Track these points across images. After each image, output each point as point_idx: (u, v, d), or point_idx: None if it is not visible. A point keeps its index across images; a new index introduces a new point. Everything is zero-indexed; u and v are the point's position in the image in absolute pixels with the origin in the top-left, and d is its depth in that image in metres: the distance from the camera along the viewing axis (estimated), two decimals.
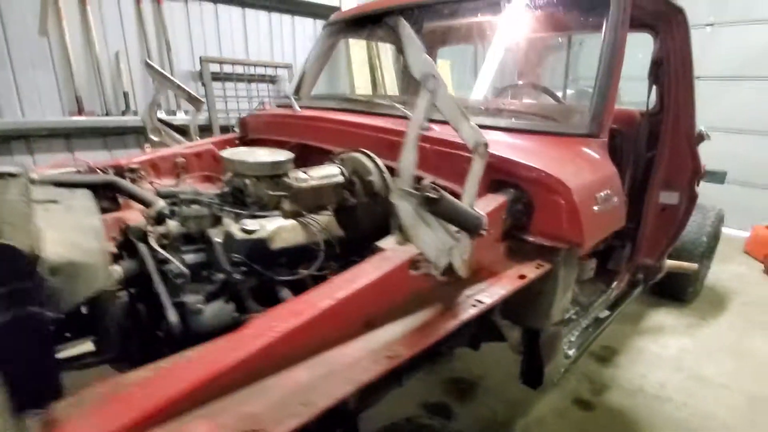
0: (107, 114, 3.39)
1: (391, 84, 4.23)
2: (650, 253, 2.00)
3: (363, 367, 0.64)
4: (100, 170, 1.44)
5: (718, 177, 2.50)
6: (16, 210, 0.74)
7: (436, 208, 0.75)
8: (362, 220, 1.17)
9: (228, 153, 1.38)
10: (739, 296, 3.38)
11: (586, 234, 0.97)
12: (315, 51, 2.28)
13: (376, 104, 1.57)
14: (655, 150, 1.79)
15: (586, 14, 1.43)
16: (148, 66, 1.93)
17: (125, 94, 3.44)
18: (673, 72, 1.63)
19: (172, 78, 1.90)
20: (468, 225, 0.78)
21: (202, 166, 1.86)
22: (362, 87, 4.32)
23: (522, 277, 0.91)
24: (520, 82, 1.92)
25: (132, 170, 1.56)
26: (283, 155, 1.34)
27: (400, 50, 2.72)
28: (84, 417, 0.52)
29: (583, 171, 1.07)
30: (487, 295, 0.86)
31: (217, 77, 3.78)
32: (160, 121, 1.95)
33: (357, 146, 1.32)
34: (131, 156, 1.74)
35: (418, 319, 0.78)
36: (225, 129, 3.87)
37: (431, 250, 0.81)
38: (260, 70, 4.11)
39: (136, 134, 3.58)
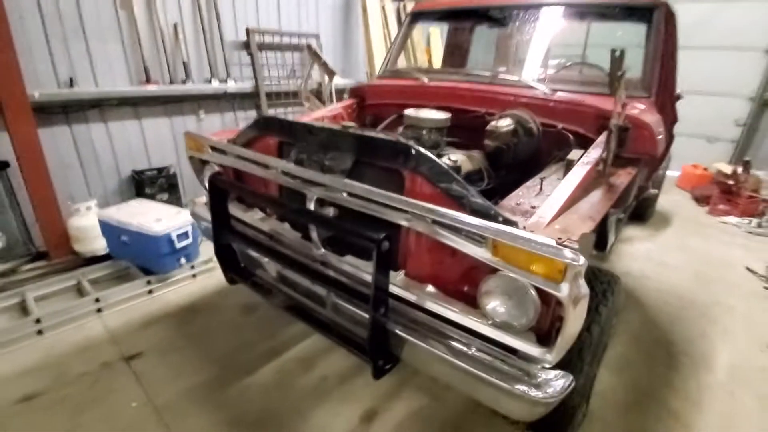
0: (171, 83, 3.68)
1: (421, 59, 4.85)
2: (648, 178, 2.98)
3: (602, 200, 1.40)
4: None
5: None
6: None
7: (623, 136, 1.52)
8: (523, 152, 1.92)
9: (411, 112, 2.04)
10: (677, 215, 4.65)
11: (658, 150, 1.81)
12: (400, 34, 2.88)
13: (491, 76, 2.28)
14: None
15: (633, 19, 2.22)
16: (308, 47, 2.42)
17: (185, 64, 3.72)
18: (663, 52, 2.48)
19: (323, 56, 2.40)
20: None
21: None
22: (379, 56, 4.86)
23: (629, 173, 1.73)
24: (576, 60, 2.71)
25: None
26: (444, 114, 2.03)
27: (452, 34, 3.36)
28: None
29: (647, 115, 1.90)
30: (623, 175, 1.65)
31: (259, 47, 4.14)
32: (310, 91, 2.46)
33: (491, 107, 2.06)
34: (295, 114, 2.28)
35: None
36: (269, 95, 4.29)
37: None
38: (290, 39, 4.48)
39: (192, 101, 3.90)
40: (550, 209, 1.23)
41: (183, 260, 2.87)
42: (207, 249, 3.19)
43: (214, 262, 3.10)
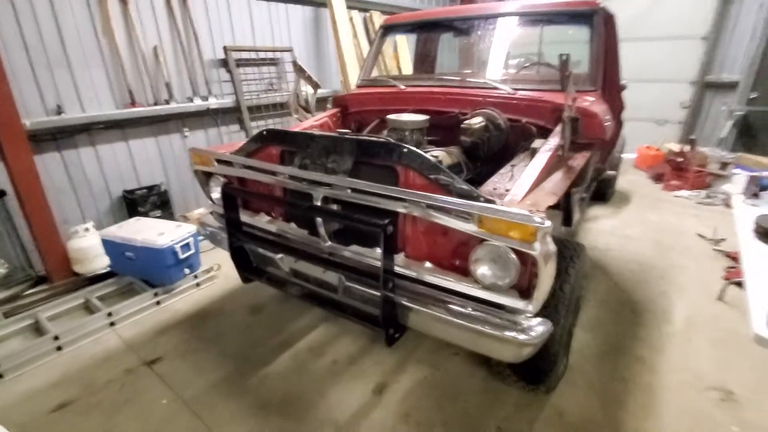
0: (155, 103, 3.81)
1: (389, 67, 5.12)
2: (602, 160, 3.34)
3: (563, 179, 1.69)
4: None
5: None
6: None
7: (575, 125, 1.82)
8: (494, 145, 2.20)
9: (393, 117, 2.30)
10: (635, 193, 5.09)
11: (606, 134, 2.13)
12: (373, 47, 3.14)
13: (460, 80, 2.57)
14: None
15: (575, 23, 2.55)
16: (294, 64, 2.63)
17: (167, 84, 3.87)
18: (606, 50, 2.83)
19: (308, 72, 2.62)
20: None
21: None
22: (351, 65, 5.11)
23: (583, 156, 2.04)
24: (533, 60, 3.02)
25: None
26: (423, 117, 2.30)
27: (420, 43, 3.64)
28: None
29: (595, 105, 2.22)
30: (579, 158, 1.96)
31: (237, 63, 4.31)
32: (299, 105, 2.67)
33: (463, 107, 2.35)
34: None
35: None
36: (250, 109, 4.46)
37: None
38: (265, 55, 4.67)
39: (176, 120, 4.04)
40: (520, 189, 1.51)
41: (187, 270, 3.02)
42: (207, 258, 3.36)
43: (215, 271, 3.28)
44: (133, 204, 3.72)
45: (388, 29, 3.12)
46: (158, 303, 2.91)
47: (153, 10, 3.72)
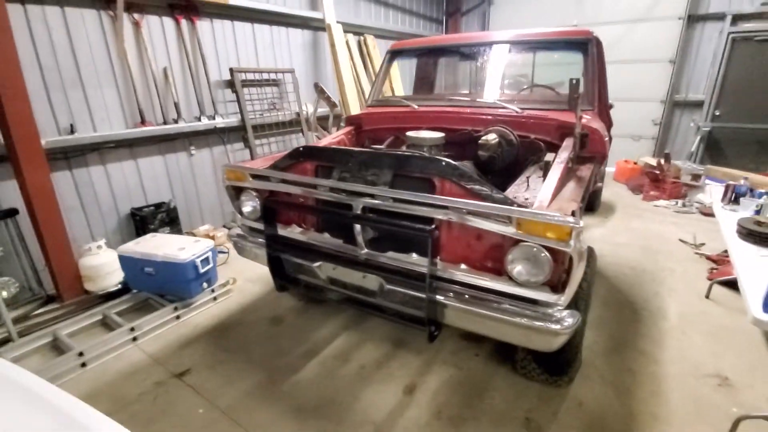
0: (164, 123, 3.90)
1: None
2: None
3: (577, 188, 1.90)
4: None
5: None
6: None
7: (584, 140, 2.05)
8: (505, 159, 2.41)
9: (413, 134, 2.49)
10: (618, 203, 5.43)
11: (606, 149, 2.38)
12: (382, 69, 3.35)
13: (471, 100, 2.79)
14: None
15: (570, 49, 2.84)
16: (316, 85, 2.79)
17: (176, 104, 3.96)
18: (598, 73, 3.13)
19: (328, 92, 2.79)
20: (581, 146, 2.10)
21: None
22: (349, 85, 5.33)
23: (588, 167, 2.27)
24: (532, 84, 3.30)
25: None
26: (439, 134, 2.50)
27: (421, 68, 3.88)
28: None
29: (594, 123, 2.47)
30: (585, 170, 2.18)
31: (242, 84, 4.45)
32: (318, 122, 2.82)
33: (475, 126, 2.57)
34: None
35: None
36: (254, 128, 4.59)
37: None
38: (267, 75, 4.83)
39: (183, 139, 4.12)
40: (545, 196, 1.70)
41: (205, 285, 3.08)
42: (222, 273, 3.42)
43: (231, 285, 3.34)
44: (142, 221, 3.75)
45: (395, 54, 3.34)
46: (178, 317, 2.95)
47: (163, 33, 3.85)
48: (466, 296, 1.71)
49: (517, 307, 1.62)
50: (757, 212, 2.68)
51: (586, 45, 2.70)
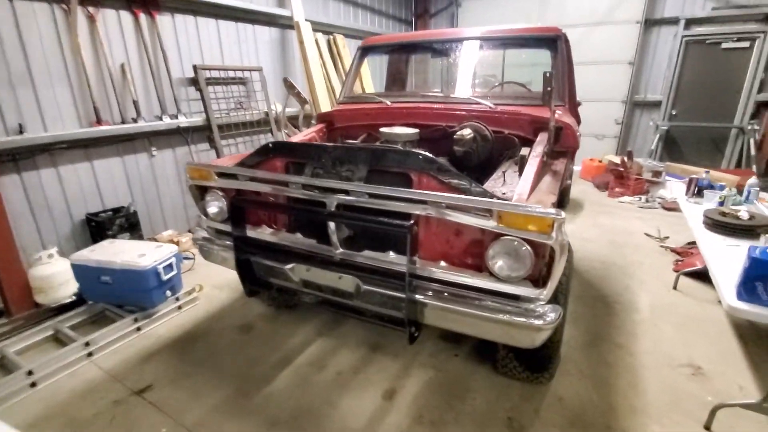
0: (123, 122, 3.66)
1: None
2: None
3: (553, 181, 1.88)
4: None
5: None
6: None
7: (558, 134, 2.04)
8: (480, 154, 2.38)
9: (387, 130, 2.42)
10: (586, 200, 5.57)
11: (578, 143, 2.39)
12: (353, 65, 3.28)
13: (444, 96, 2.75)
14: None
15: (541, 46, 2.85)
16: (285, 80, 2.67)
17: (135, 103, 3.74)
18: (568, 69, 3.17)
19: (297, 87, 2.68)
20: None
21: None
22: (319, 84, 5.22)
23: (562, 162, 2.27)
24: (505, 81, 3.30)
25: None
26: (414, 129, 2.45)
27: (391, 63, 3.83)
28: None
29: (567, 118, 2.48)
30: (559, 164, 2.18)
31: (206, 82, 4.26)
32: (288, 119, 2.71)
33: (449, 121, 2.53)
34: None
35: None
36: (220, 127, 4.40)
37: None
38: (234, 74, 4.65)
39: (143, 139, 3.90)
40: (523, 190, 1.67)
41: (169, 293, 2.89)
42: (188, 279, 3.24)
43: (197, 292, 3.16)
44: (99, 227, 3.50)
45: (366, 50, 3.27)
46: (138, 329, 2.75)
47: (121, 28, 3.62)
48: (446, 294, 1.65)
49: (498, 304, 1.57)
50: (721, 204, 2.78)
51: (555, 41, 2.72)
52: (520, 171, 1.98)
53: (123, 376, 2.36)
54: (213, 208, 2.20)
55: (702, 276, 3.28)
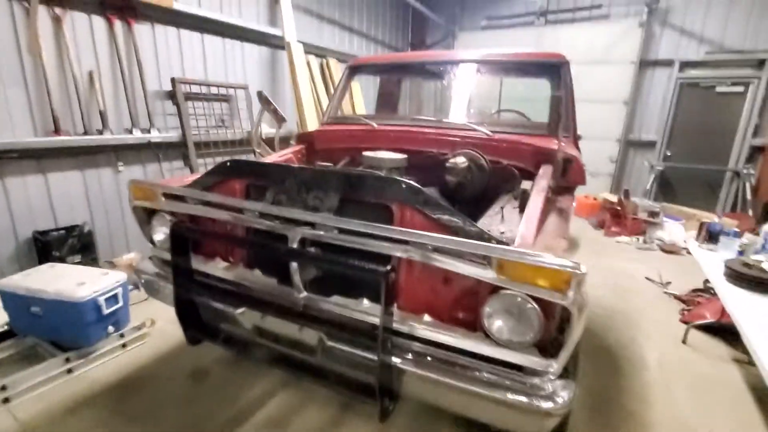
0: (86, 133, 3.35)
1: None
2: None
3: (561, 222, 1.59)
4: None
5: None
6: None
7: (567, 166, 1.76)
8: (475, 186, 2.10)
9: (370, 154, 2.14)
10: (582, 238, 5.33)
11: (585, 179, 2.13)
12: (340, 84, 3.03)
13: (437, 120, 2.50)
14: None
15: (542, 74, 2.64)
16: (260, 94, 2.40)
17: (101, 113, 3.43)
18: (570, 99, 2.94)
19: (274, 104, 2.40)
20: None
21: None
22: (308, 106, 5.00)
23: (569, 199, 1.99)
24: (502, 108, 3.08)
25: None
26: (401, 155, 2.18)
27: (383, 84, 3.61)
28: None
29: (572, 150, 2.23)
30: (565, 201, 1.90)
31: (185, 97, 3.99)
32: (262, 139, 2.42)
33: (441, 148, 2.26)
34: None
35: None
36: (197, 145, 4.10)
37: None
38: (217, 90, 4.40)
39: (109, 153, 3.57)
40: (528, 231, 1.36)
41: (111, 328, 2.50)
42: (138, 312, 2.84)
43: (147, 327, 2.76)
44: (46, 247, 3.12)
45: (355, 69, 3.03)
46: (70, 371, 2.33)
47: (92, 33, 3.36)
48: (430, 359, 1.31)
49: (496, 376, 1.24)
50: (741, 253, 2.52)
51: (559, 68, 2.50)
52: (521, 207, 1.70)
53: (40, 431, 1.94)
54: (159, 235, 1.87)
55: (712, 329, 2.99)
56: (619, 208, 5.73)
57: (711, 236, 2.83)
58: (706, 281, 3.57)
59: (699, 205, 6.37)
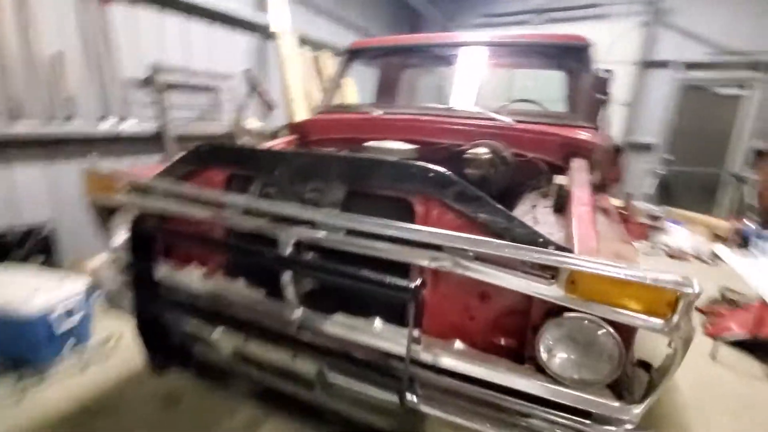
0: (51, 121, 2.98)
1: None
2: None
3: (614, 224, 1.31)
4: None
5: None
6: None
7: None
8: (498, 182, 1.81)
9: (374, 144, 1.84)
10: None
11: (621, 174, 1.86)
12: (338, 71, 2.73)
13: (449, 108, 2.20)
14: None
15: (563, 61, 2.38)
16: (247, 71, 2.07)
17: (69, 99, 3.06)
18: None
19: (263, 86, 2.09)
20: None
21: None
22: (299, 100, 4.67)
23: (607, 199, 1.72)
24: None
25: None
26: (411, 146, 1.88)
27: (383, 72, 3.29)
28: None
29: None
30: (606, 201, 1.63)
31: (166, 86, 3.64)
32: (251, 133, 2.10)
33: (456, 139, 1.97)
34: None
35: None
36: (179, 138, 3.75)
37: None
38: (201, 80, 4.05)
39: (78, 144, 3.20)
40: (586, 234, 1.07)
41: (73, 341, 2.14)
42: (105, 324, 2.48)
43: (113, 342, 2.41)
44: (5, 248, 2.74)
45: (355, 54, 2.73)
46: (22, 392, 1.97)
47: (59, 9, 3.00)
48: (463, 399, 1.00)
49: (553, 423, 0.94)
50: None
51: (582, 52, 2.24)
52: (556, 207, 1.41)
53: None
54: (121, 237, 1.53)
55: (741, 344, 2.75)
56: (626, 212, 5.51)
57: (744, 241, 2.59)
58: (727, 289, 3.35)
59: (698, 208, 6.23)
